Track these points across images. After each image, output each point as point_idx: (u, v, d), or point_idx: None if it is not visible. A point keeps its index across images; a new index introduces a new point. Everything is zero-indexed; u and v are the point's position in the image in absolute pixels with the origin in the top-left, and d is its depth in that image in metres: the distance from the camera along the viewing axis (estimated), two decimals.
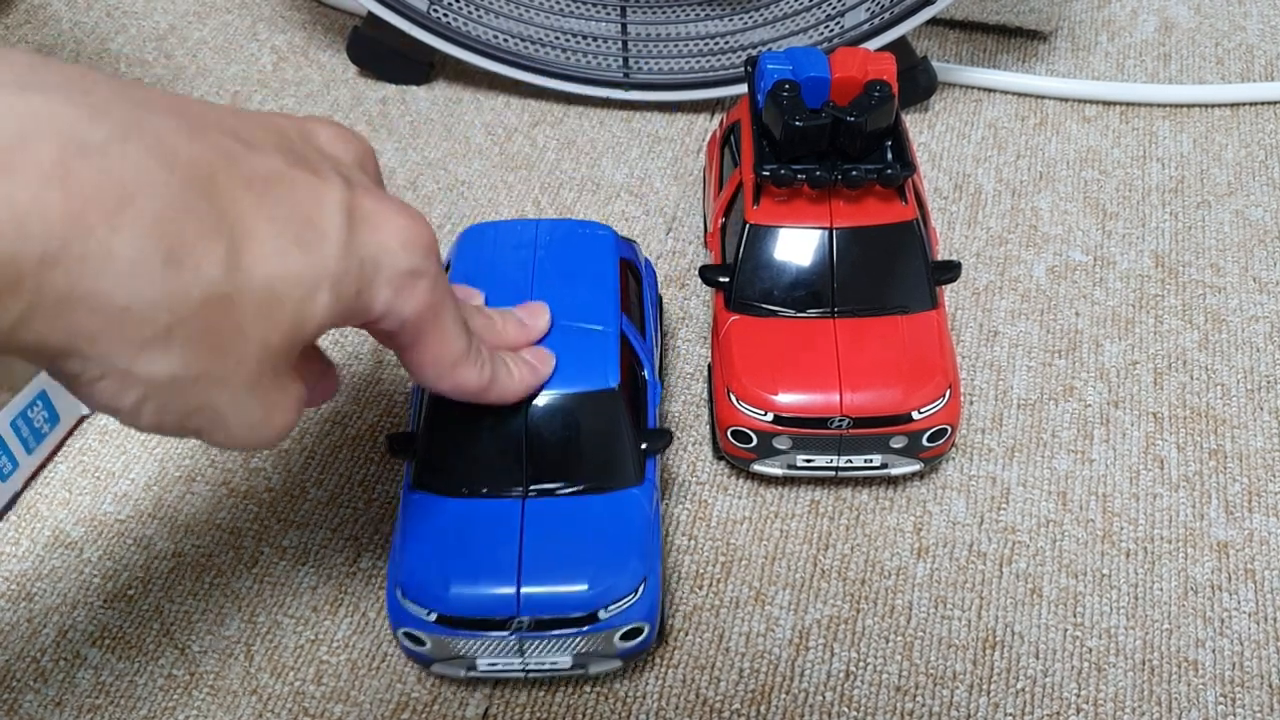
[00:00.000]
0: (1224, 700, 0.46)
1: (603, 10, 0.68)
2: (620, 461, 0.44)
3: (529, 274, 0.48)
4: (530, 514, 0.43)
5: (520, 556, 0.42)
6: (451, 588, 0.42)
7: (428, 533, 0.43)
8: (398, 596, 0.43)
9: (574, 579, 0.42)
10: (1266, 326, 0.58)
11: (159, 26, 0.78)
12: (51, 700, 0.47)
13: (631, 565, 0.43)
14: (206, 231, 0.29)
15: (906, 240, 0.50)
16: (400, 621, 0.43)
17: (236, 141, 0.31)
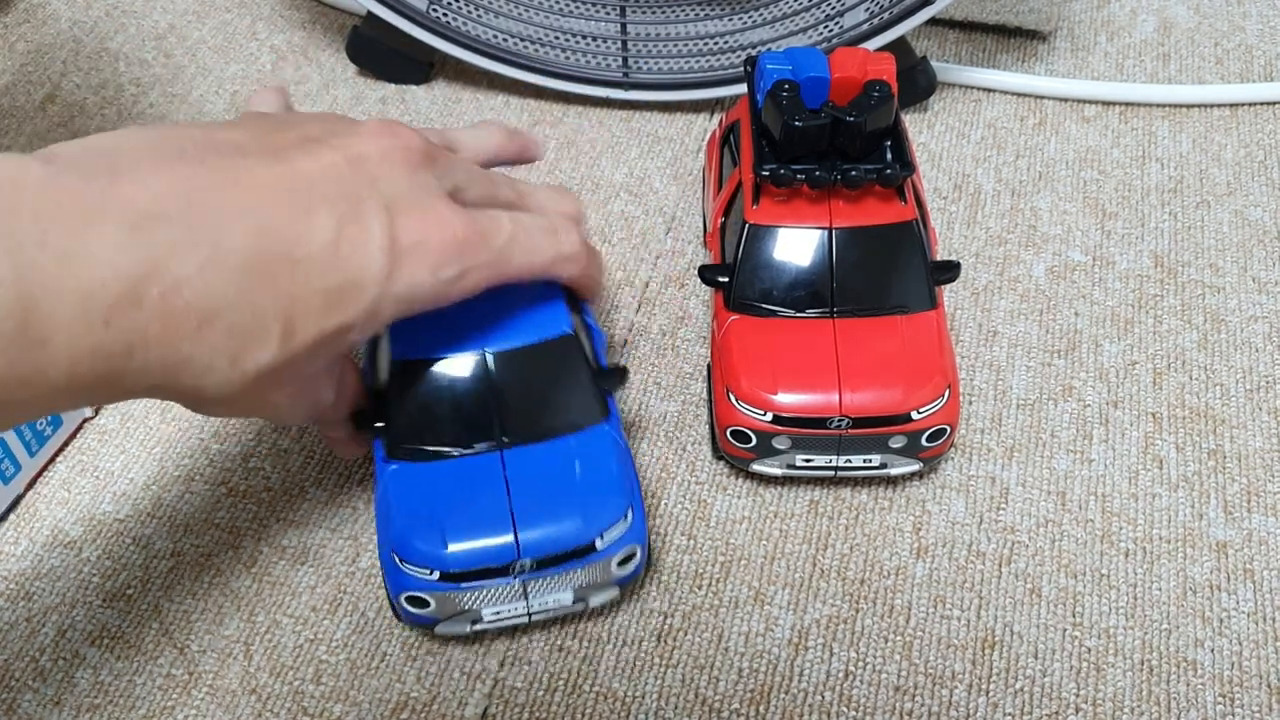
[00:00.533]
0: (1223, 700, 0.46)
1: (602, 10, 0.68)
2: (585, 401, 0.46)
3: None
4: (511, 463, 0.45)
5: (510, 504, 0.43)
6: (450, 545, 0.43)
7: (416, 498, 0.44)
8: (396, 563, 0.44)
9: (567, 515, 0.44)
10: (1266, 326, 0.58)
11: (158, 25, 0.78)
12: (50, 699, 0.47)
13: (616, 493, 0.45)
14: (266, 324, 0.35)
15: (906, 240, 0.50)
16: (401, 587, 0.44)
17: (300, 224, 0.36)
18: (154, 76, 0.74)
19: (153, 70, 0.74)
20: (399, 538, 0.44)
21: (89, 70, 0.74)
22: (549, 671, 0.48)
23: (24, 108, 0.72)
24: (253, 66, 0.75)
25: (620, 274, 0.62)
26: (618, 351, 0.59)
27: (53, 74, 0.74)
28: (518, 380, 0.45)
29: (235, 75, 0.74)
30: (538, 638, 0.49)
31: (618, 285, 0.62)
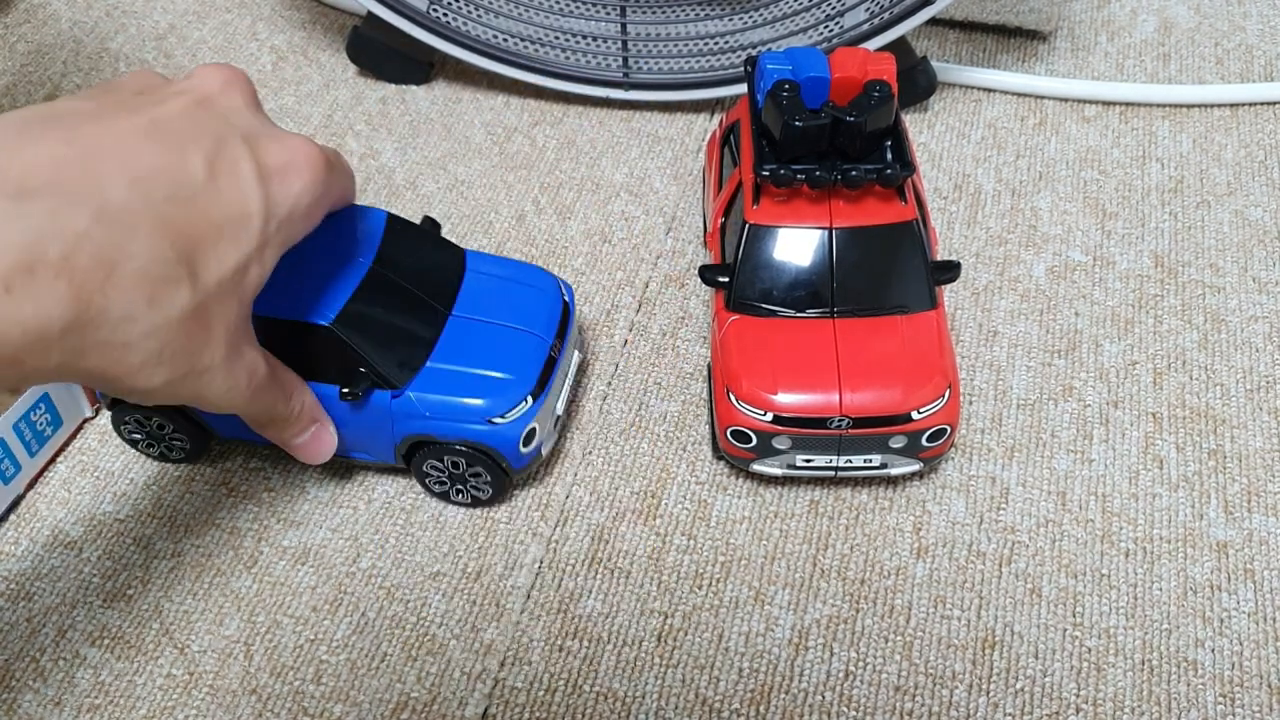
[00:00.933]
0: (1223, 700, 0.46)
1: (602, 10, 0.68)
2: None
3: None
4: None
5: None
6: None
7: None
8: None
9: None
10: (1266, 326, 0.58)
11: (159, 26, 0.78)
12: (51, 700, 0.47)
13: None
14: (170, 268, 0.37)
15: (906, 240, 0.50)
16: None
17: (175, 167, 0.38)
18: None
19: (153, 70, 0.74)
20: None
21: (89, 70, 0.74)
22: (549, 671, 0.48)
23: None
24: (253, 66, 0.75)
25: (620, 274, 0.62)
26: (618, 351, 0.59)
27: (53, 74, 0.74)
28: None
29: None
30: (538, 637, 0.49)
31: (618, 285, 0.62)
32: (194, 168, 0.38)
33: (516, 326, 0.51)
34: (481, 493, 0.52)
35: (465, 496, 0.52)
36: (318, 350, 0.48)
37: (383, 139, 0.70)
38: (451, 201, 0.66)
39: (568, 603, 0.50)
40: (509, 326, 0.51)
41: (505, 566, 0.51)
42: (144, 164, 0.38)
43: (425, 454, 0.50)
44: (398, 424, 0.49)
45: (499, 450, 0.49)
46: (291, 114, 0.71)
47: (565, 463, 0.54)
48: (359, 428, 0.50)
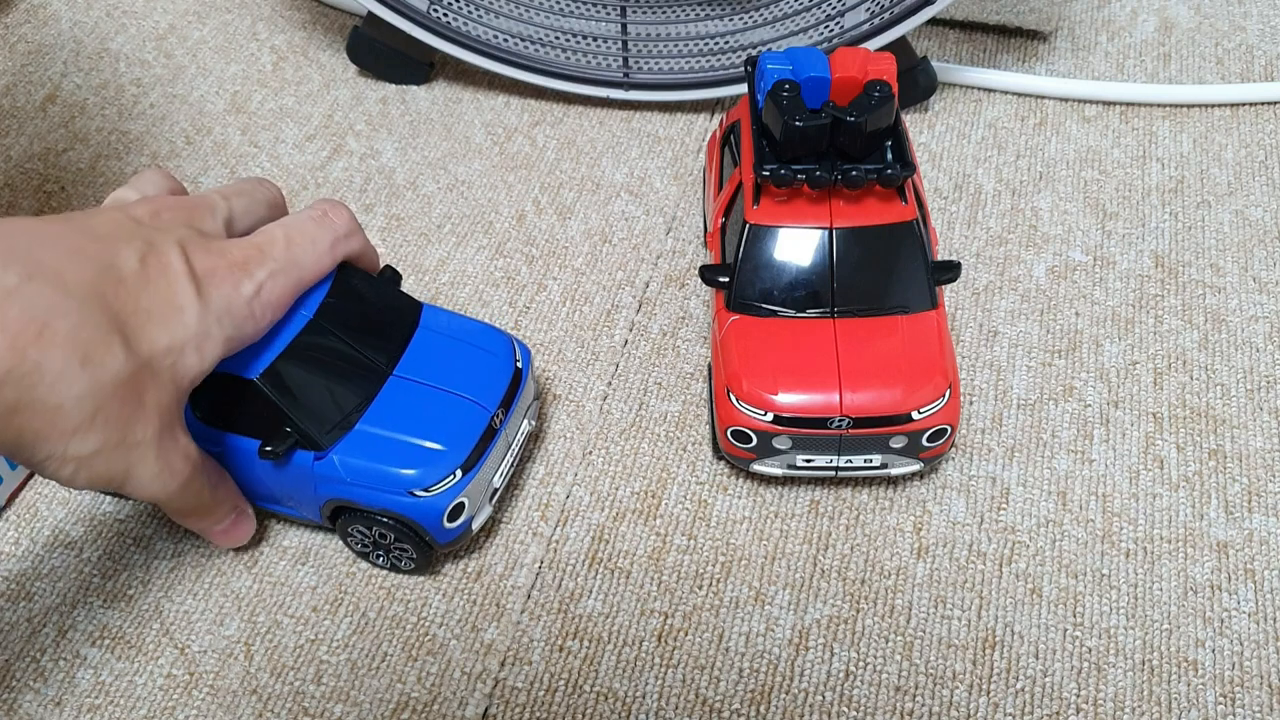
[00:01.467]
0: (1224, 700, 0.46)
1: (603, 10, 0.68)
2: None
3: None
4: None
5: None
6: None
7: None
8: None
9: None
10: (1266, 326, 0.58)
11: (159, 26, 0.78)
12: (51, 700, 0.47)
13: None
14: (105, 333, 0.39)
15: (906, 240, 0.50)
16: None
17: (105, 255, 0.40)
18: (154, 77, 0.74)
19: (153, 70, 0.75)
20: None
21: (89, 70, 0.75)
22: (549, 671, 0.48)
23: (24, 108, 0.72)
24: (253, 66, 0.75)
25: (620, 274, 0.62)
26: (618, 351, 0.59)
27: (53, 74, 0.74)
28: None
29: (236, 75, 0.74)
30: (538, 637, 0.49)
31: (618, 285, 0.62)
32: (125, 258, 0.41)
33: (459, 393, 0.48)
34: (403, 564, 0.50)
35: (386, 563, 0.50)
36: (244, 404, 0.46)
37: (383, 139, 0.70)
38: (451, 201, 0.66)
39: (568, 603, 0.50)
40: (451, 392, 0.48)
41: (505, 566, 0.51)
42: (79, 248, 0.40)
43: (349, 519, 0.48)
44: (319, 486, 0.47)
45: (421, 524, 0.47)
46: (291, 114, 0.71)
47: (565, 463, 0.54)
48: (283, 484, 0.48)
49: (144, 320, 0.40)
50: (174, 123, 0.71)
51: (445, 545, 0.48)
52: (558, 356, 0.58)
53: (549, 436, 0.55)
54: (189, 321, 0.42)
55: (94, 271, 0.40)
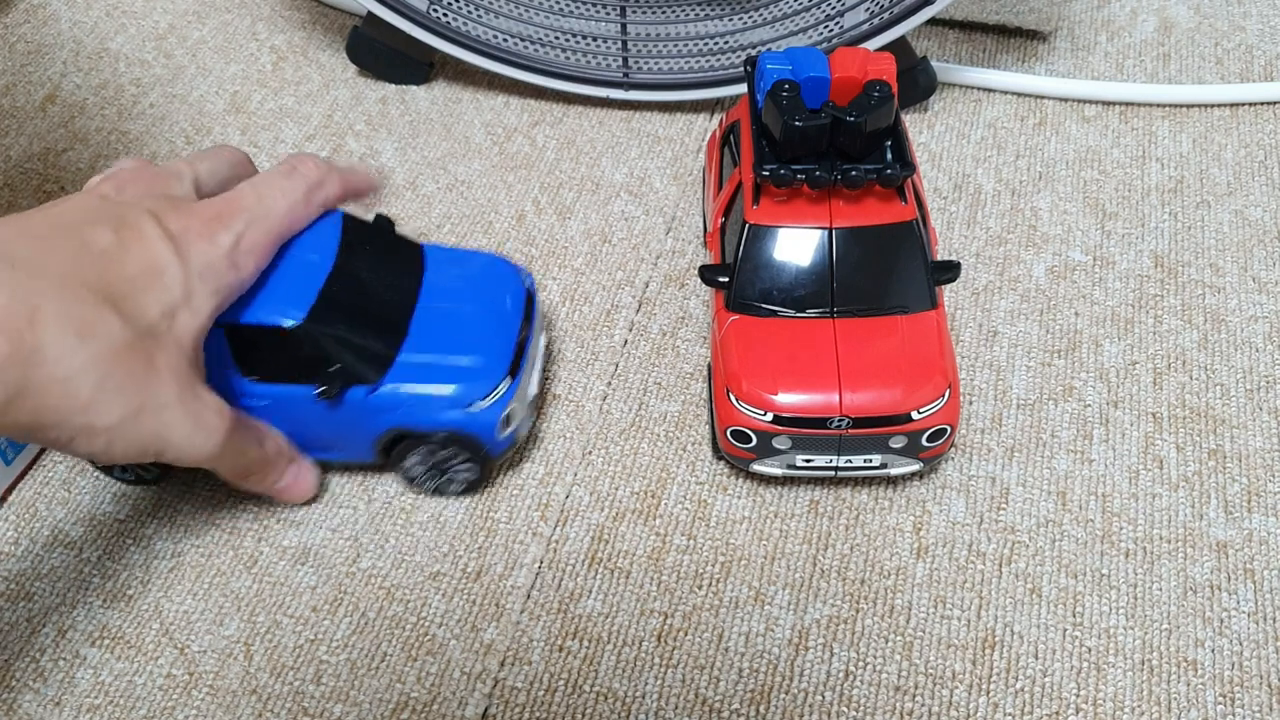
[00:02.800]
0: (1223, 700, 0.46)
1: (602, 10, 0.68)
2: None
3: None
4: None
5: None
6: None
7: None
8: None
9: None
10: (1266, 326, 0.58)
11: (158, 26, 0.78)
12: (51, 700, 0.47)
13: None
14: (94, 307, 0.40)
15: (906, 240, 0.50)
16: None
17: (80, 236, 0.41)
18: (154, 77, 0.74)
19: (153, 70, 0.74)
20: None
21: (89, 70, 0.74)
22: (549, 671, 0.48)
23: (24, 108, 0.72)
24: (253, 66, 0.75)
25: (620, 274, 0.62)
26: (618, 351, 0.59)
27: (53, 74, 0.74)
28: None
29: (235, 75, 0.74)
30: (538, 637, 0.49)
31: (618, 285, 0.62)
32: (99, 235, 0.42)
33: (483, 312, 0.51)
34: (459, 483, 0.52)
35: (442, 488, 0.52)
36: (289, 352, 0.47)
37: (383, 139, 0.70)
38: (451, 201, 0.66)
39: (568, 603, 0.50)
40: (476, 313, 0.51)
41: (505, 566, 0.51)
42: (52, 236, 0.41)
43: (404, 447, 0.50)
44: (376, 419, 0.49)
45: (478, 436, 0.49)
46: (291, 114, 0.71)
47: (565, 463, 0.54)
48: (336, 427, 0.50)
49: (131, 289, 0.41)
50: (174, 123, 0.71)
51: (499, 455, 0.51)
52: (557, 356, 0.58)
53: (549, 436, 0.55)
54: (173, 283, 0.42)
55: (71, 253, 0.41)
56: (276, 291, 0.47)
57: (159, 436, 0.42)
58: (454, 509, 0.53)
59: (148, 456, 0.43)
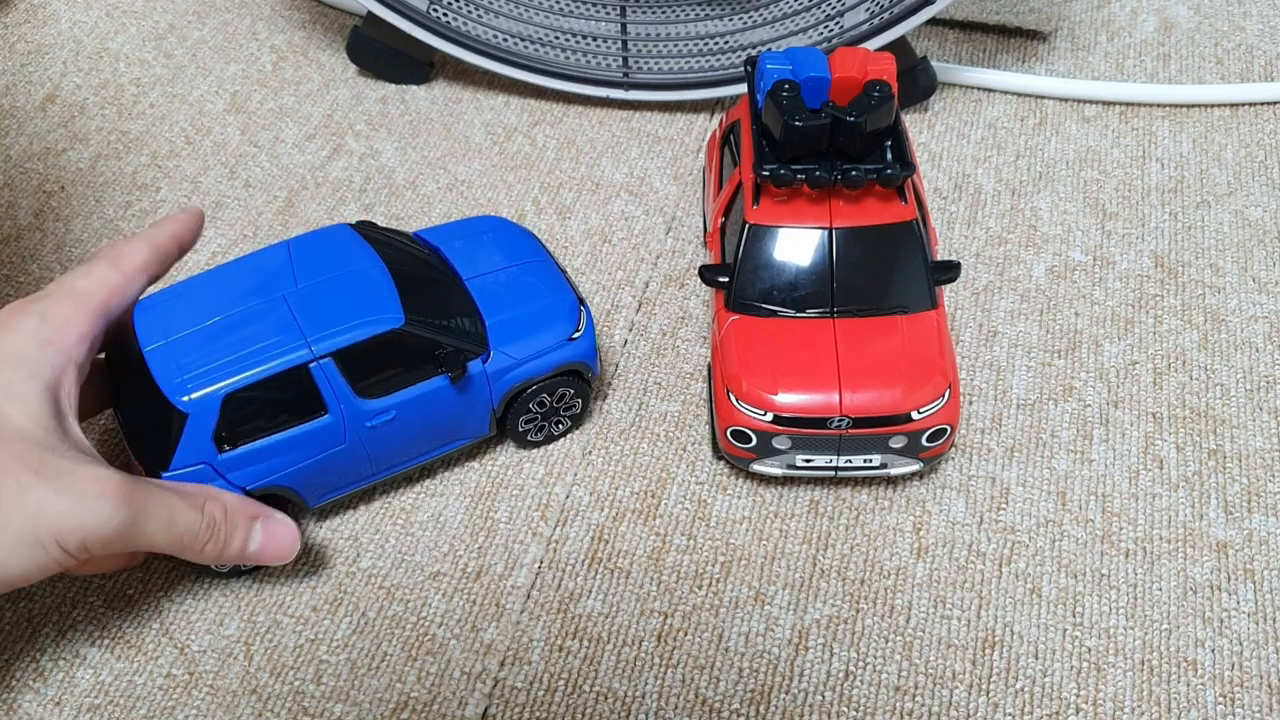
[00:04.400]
0: (1223, 700, 0.46)
1: (602, 10, 0.68)
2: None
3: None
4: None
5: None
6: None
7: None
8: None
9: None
10: (1266, 326, 0.58)
11: (159, 25, 0.78)
12: (51, 700, 0.47)
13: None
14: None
15: (906, 240, 0.50)
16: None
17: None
18: (154, 76, 0.74)
19: (153, 70, 0.74)
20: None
21: (89, 70, 0.74)
22: (549, 671, 0.48)
23: (24, 108, 0.72)
24: (253, 66, 0.75)
25: (620, 274, 0.62)
26: (618, 351, 0.59)
27: (53, 74, 0.74)
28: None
29: (235, 75, 0.74)
30: (538, 638, 0.49)
31: (618, 285, 0.62)
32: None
33: (520, 263, 0.54)
34: (565, 422, 0.54)
35: (563, 425, 0.55)
36: (401, 356, 0.48)
37: (383, 139, 0.70)
38: (451, 201, 0.66)
39: (568, 603, 0.50)
40: (515, 266, 0.54)
41: (505, 566, 0.51)
42: None
43: (518, 406, 0.52)
44: (494, 385, 0.51)
45: (584, 361, 0.53)
46: (291, 114, 0.71)
47: (565, 463, 0.54)
48: (460, 410, 0.51)
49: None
50: (174, 122, 0.71)
51: (595, 375, 0.54)
52: None
53: None
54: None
55: None
56: (361, 305, 0.47)
57: (39, 524, 0.40)
58: (454, 509, 0.53)
59: (51, 555, 0.40)
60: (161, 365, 0.46)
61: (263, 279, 0.49)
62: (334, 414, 0.47)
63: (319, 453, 0.48)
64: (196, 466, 0.46)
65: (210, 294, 0.49)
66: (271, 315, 0.47)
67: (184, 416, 0.45)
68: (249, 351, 0.46)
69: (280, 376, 0.46)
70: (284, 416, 0.47)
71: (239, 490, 0.47)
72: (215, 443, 0.46)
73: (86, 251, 0.64)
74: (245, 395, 0.46)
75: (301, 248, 0.50)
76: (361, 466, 0.50)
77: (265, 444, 0.47)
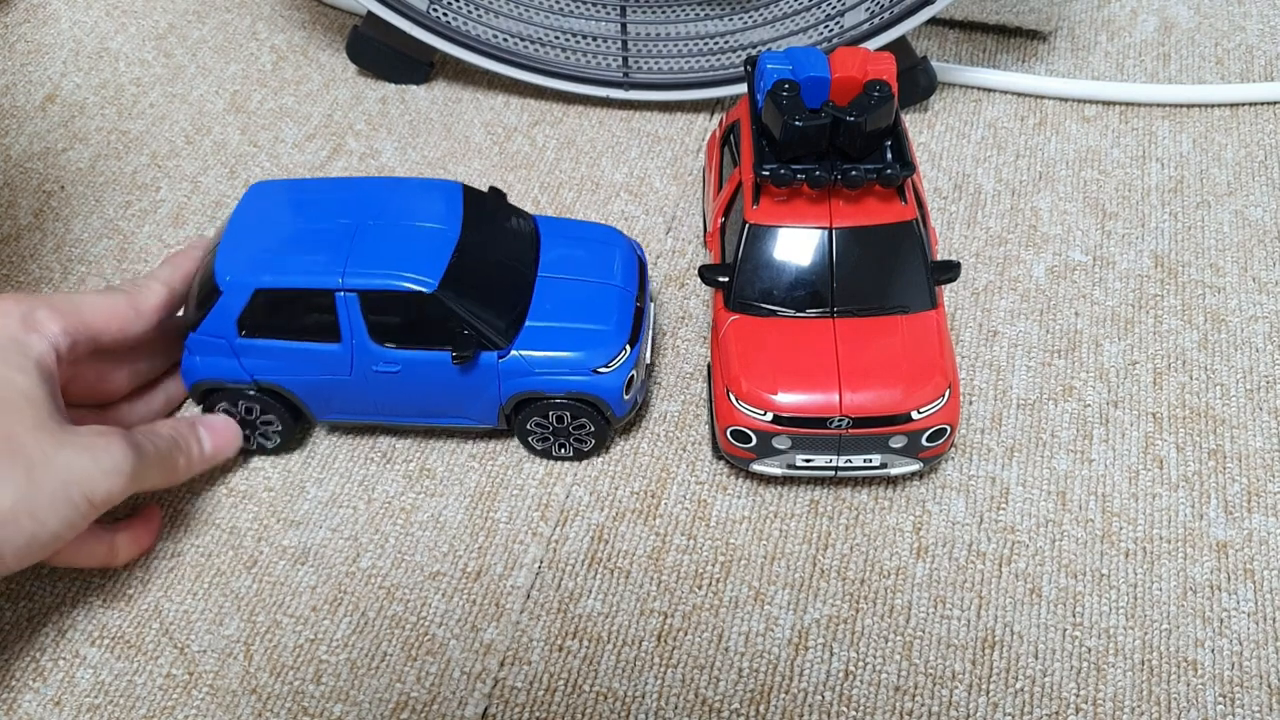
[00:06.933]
0: (1223, 700, 0.46)
1: (602, 10, 0.68)
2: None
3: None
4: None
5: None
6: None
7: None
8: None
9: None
10: (1266, 326, 0.58)
11: (159, 25, 0.78)
12: (51, 700, 0.47)
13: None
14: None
15: (906, 240, 0.50)
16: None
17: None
18: (154, 76, 0.74)
19: (153, 70, 0.74)
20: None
21: (89, 70, 0.74)
22: (549, 671, 0.48)
23: (24, 108, 0.72)
24: (253, 66, 0.75)
25: None
26: None
27: (53, 74, 0.74)
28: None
29: (235, 75, 0.74)
30: (538, 638, 0.49)
31: None
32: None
33: (601, 281, 0.53)
34: (584, 444, 0.53)
35: (567, 450, 0.53)
36: (422, 318, 0.49)
37: (383, 139, 0.70)
38: None
39: (568, 603, 0.50)
40: (594, 282, 0.53)
41: (505, 566, 0.51)
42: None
43: (529, 411, 0.52)
44: (504, 383, 0.51)
45: (604, 399, 0.51)
46: (291, 114, 0.71)
47: (565, 463, 0.54)
48: (465, 392, 0.51)
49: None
50: (174, 122, 0.71)
51: (621, 418, 0.53)
52: None
53: None
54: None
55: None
56: (409, 260, 0.49)
57: (69, 483, 0.43)
58: (454, 509, 0.53)
59: (80, 511, 0.43)
60: (230, 242, 0.51)
61: (353, 203, 0.52)
62: (345, 346, 0.50)
63: (324, 375, 0.51)
64: (217, 339, 0.51)
65: (309, 200, 0.53)
66: (335, 238, 0.50)
67: (219, 293, 0.50)
68: (296, 261, 0.49)
69: (308, 293, 0.49)
70: (301, 329, 0.50)
71: (249, 380, 0.51)
72: (238, 325, 0.50)
73: (87, 251, 0.64)
74: (274, 295, 0.49)
75: (405, 190, 0.53)
76: (364, 403, 0.52)
77: (278, 345, 0.51)
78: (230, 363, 0.51)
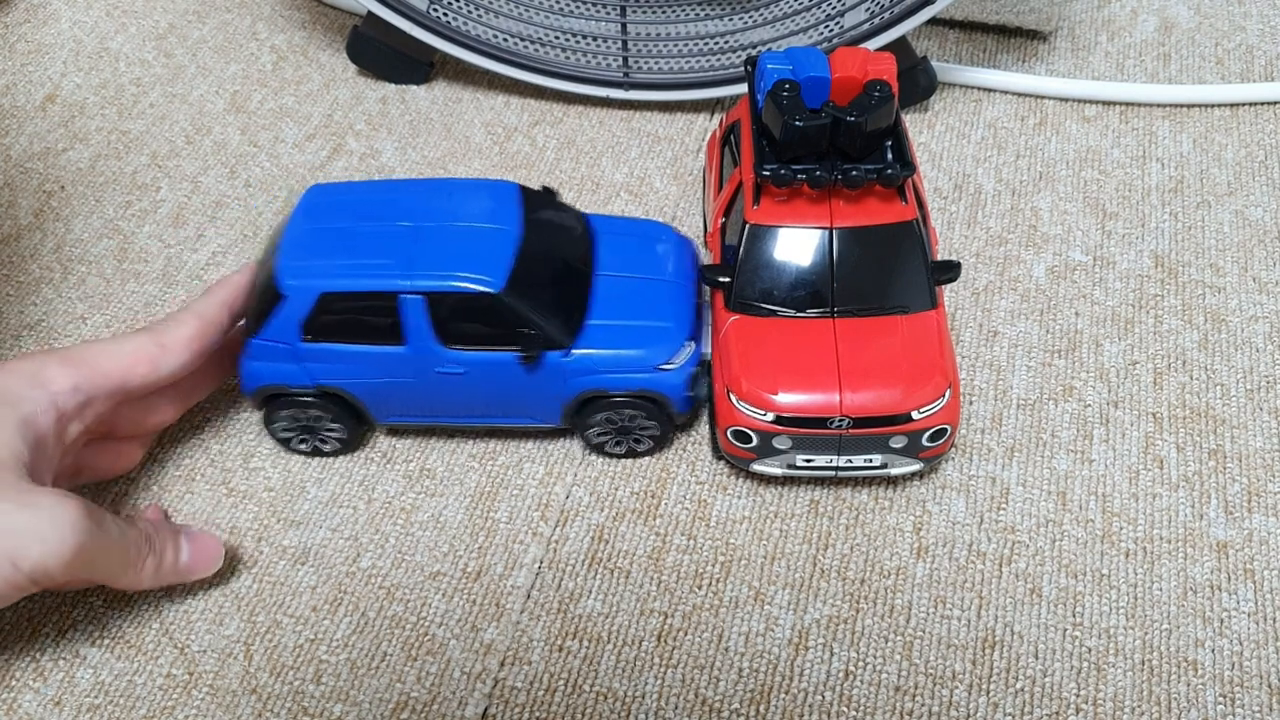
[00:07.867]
0: (1223, 700, 0.46)
1: (603, 10, 0.68)
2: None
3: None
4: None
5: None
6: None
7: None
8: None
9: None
10: (1266, 326, 0.58)
11: (159, 25, 0.78)
12: (51, 700, 0.47)
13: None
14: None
15: (906, 240, 0.50)
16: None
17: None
18: (154, 76, 0.74)
19: (153, 70, 0.74)
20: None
21: (89, 70, 0.74)
22: (549, 671, 0.48)
23: (24, 108, 0.72)
24: (253, 66, 0.75)
25: None
26: None
27: (53, 74, 0.74)
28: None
29: (235, 75, 0.74)
30: (538, 638, 0.49)
31: None
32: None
33: (661, 278, 0.53)
34: (644, 443, 0.53)
35: (624, 448, 0.53)
36: (488, 319, 0.49)
37: (383, 139, 0.70)
38: None
39: (568, 603, 0.50)
40: (654, 279, 0.53)
41: (505, 566, 0.51)
42: None
43: (591, 409, 0.52)
44: (569, 382, 0.51)
45: (668, 396, 0.51)
46: (291, 114, 0.71)
47: (565, 463, 0.54)
48: (530, 392, 0.51)
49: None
50: (174, 122, 0.71)
51: (683, 414, 0.52)
52: None
53: (549, 436, 0.55)
54: None
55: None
56: (473, 261, 0.49)
57: (5, 541, 0.41)
58: (454, 509, 0.53)
59: (14, 575, 0.41)
60: (290, 246, 0.51)
61: (414, 206, 0.52)
62: (410, 348, 0.50)
63: (388, 378, 0.51)
64: (279, 343, 0.50)
65: (367, 202, 0.52)
66: (397, 241, 0.50)
67: (282, 297, 0.49)
68: (360, 264, 0.49)
69: (374, 295, 0.49)
70: (365, 332, 0.50)
71: (312, 384, 0.51)
72: (302, 330, 0.50)
73: (87, 252, 0.64)
74: (341, 299, 0.49)
75: (461, 191, 0.53)
76: (426, 405, 0.52)
77: (343, 349, 0.50)
78: (293, 367, 0.51)
